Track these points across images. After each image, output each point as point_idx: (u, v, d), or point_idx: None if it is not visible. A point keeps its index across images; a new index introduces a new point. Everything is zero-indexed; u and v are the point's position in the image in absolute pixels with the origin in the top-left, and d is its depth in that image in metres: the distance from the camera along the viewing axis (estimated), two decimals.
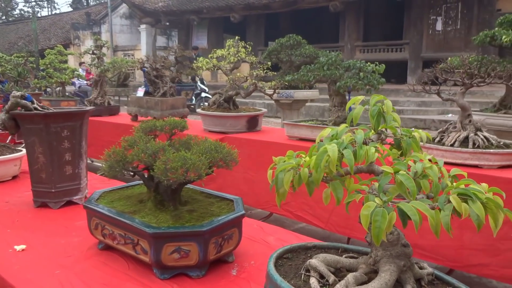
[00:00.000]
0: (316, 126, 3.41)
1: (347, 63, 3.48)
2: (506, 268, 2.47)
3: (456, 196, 0.71)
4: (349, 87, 3.36)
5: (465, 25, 13.14)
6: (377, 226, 0.70)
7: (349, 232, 3.14)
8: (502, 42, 3.99)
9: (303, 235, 1.55)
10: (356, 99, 0.94)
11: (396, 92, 12.46)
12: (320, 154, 0.82)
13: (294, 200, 3.29)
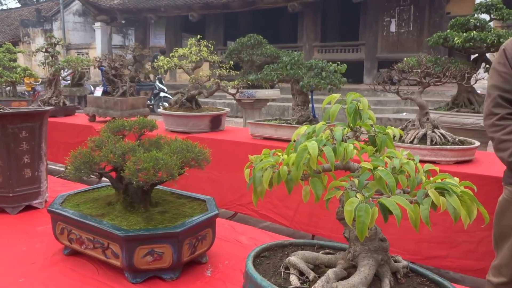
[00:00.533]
0: (280, 125, 3.44)
1: (309, 62, 3.52)
2: (462, 259, 2.59)
3: (434, 190, 0.73)
4: (311, 86, 3.40)
5: (417, 27, 13.69)
6: (361, 222, 0.71)
7: (313, 230, 3.19)
8: (454, 43, 4.18)
9: (274, 233, 1.55)
10: (332, 97, 0.95)
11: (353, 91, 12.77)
12: (300, 151, 0.82)
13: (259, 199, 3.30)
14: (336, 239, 3.09)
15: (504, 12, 4.39)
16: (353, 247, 0.89)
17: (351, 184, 0.83)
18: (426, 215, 0.72)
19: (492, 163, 2.79)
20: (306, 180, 0.90)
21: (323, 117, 0.94)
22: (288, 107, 12.12)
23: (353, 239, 0.89)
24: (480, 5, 4.46)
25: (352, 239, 0.89)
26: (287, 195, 3.23)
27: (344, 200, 0.89)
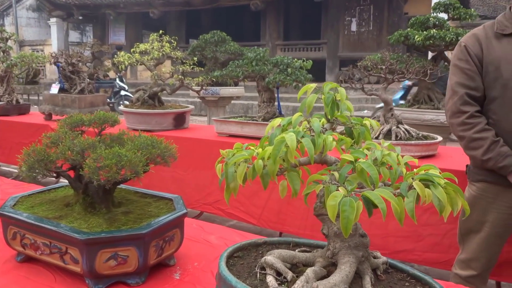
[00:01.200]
0: (246, 122, 3.38)
1: (274, 59, 3.49)
2: (427, 252, 2.63)
3: (419, 182, 0.70)
4: (277, 83, 3.37)
5: (377, 27, 14.00)
6: (346, 217, 0.67)
7: (280, 227, 3.16)
8: (415, 41, 4.28)
9: (244, 232, 1.50)
10: (308, 87, 0.90)
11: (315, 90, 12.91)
12: (278, 143, 0.77)
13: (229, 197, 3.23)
14: (304, 236, 3.08)
15: (461, 11, 4.53)
16: (333, 244, 0.84)
17: (330, 178, 0.78)
18: (411, 208, 0.68)
19: (453, 157, 2.85)
20: (282, 175, 0.84)
21: (299, 108, 0.89)
22: (252, 105, 12.11)
23: (332, 236, 0.85)
24: (438, 4, 4.58)
25: (331, 236, 0.85)
26: (255, 193, 3.19)
27: (322, 195, 0.85)
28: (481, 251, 2.00)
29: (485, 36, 1.91)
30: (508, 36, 1.86)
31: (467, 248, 2.05)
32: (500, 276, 2.44)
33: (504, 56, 1.84)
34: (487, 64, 1.86)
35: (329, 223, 0.86)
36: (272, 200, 3.10)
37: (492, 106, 1.87)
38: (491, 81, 1.85)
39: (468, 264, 2.04)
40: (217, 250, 1.31)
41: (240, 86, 6.45)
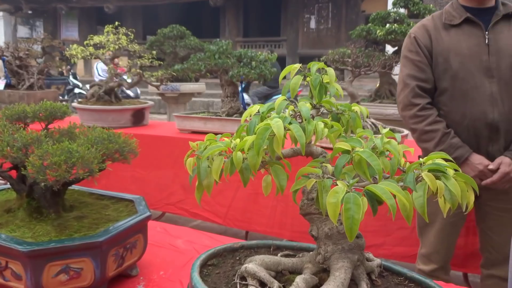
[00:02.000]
0: (210, 118, 3.24)
1: (238, 52, 3.37)
2: (397, 246, 2.60)
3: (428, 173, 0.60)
4: (241, 77, 3.26)
5: (335, 24, 14.16)
6: (350, 216, 0.56)
7: (247, 226, 3.06)
8: (376, 36, 4.29)
9: (215, 234, 1.37)
10: (291, 67, 0.78)
11: None
12: (262, 132, 0.65)
13: (189, 197, 3.09)
14: (272, 235, 2.99)
15: (420, 7, 4.58)
16: (324, 247, 0.73)
17: (324, 171, 0.67)
18: (421, 204, 0.58)
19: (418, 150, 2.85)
20: (264, 169, 0.73)
21: (282, 91, 0.77)
22: (213, 103, 11.93)
23: (323, 238, 0.74)
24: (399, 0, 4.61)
25: (322, 238, 0.74)
26: (220, 191, 3.06)
27: (309, 191, 0.74)
28: (439, 243, 2.00)
29: (434, 27, 1.90)
30: (456, 27, 1.86)
31: (425, 242, 2.05)
32: (466, 267, 2.45)
33: (452, 47, 1.84)
34: (436, 55, 1.85)
35: (318, 223, 0.75)
36: (238, 199, 2.99)
37: (442, 97, 1.87)
38: (441, 73, 1.84)
39: (429, 258, 2.04)
40: (185, 256, 1.18)
41: (201, 82, 6.29)
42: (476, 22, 1.83)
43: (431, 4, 5.19)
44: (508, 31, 1.82)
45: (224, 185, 3.10)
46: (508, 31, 1.82)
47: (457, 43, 1.83)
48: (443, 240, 2.00)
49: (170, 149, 3.16)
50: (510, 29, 1.83)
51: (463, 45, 1.82)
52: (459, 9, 1.87)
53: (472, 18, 1.83)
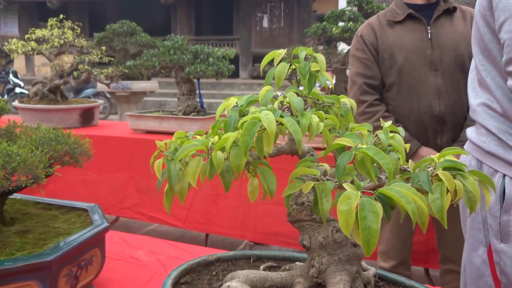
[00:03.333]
0: (166, 117, 3.09)
1: (194, 48, 3.24)
2: None
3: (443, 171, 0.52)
4: (198, 74, 3.13)
5: (287, 24, 14.25)
6: (367, 226, 0.47)
7: (207, 228, 2.94)
8: (332, 33, 4.31)
9: (180, 243, 1.25)
10: (275, 53, 0.68)
11: (231, 85, 12.82)
12: (249, 127, 0.54)
13: (147, 200, 2.93)
14: (233, 236, 2.89)
15: (374, 5, 4.65)
16: (318, 258, 0.64)
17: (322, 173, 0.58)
18: (439, 208, 0.50)
19: None
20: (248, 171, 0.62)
21: (265, 81, 0.67)
22: (165, 102, 11.63)
23: (316, 248, 0.64)
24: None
25: (315, 248, 0.65)
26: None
27: (298, 196, 0.64)
28: (395, 238, 2.01)
29: (379, 24, 1.96)
30: (399, 23, 1.91)
31: (382, 239, 2.06)
32: (427, 263, 2.48)
33: (397, 43, 1.88)
34: (382, 52, 1.90)
35: (310, 232, 0.65)
36: (198, 201, 2.86)
37: (390, 93, 1.91)
38: (387, 69, 1.89)
39: (388, 255, 2.05)
40: (149, 270, 1.05)
41: (153, 80, 6.08)
42: (418, 18, 1.88)
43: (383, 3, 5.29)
44: (449, 25, 1.88)
45: None
46: (449, 26, 1.87)
47: (401, 39, 1.87)
48: (399, 236, 2.01)
49: (123, 150, 2.98)
50: (451, 23, 1.88)
51: (407, 40, 1.86)
52: (402, 6, 1.92)
53: (414, 14, 1.88)
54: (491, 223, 1.23)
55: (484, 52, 1.29)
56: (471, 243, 1.31)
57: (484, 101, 1.28)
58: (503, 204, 1.18)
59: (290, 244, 2.69)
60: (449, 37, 1.85)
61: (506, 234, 1.18)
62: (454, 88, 1.83)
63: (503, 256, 1.19)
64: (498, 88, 1.23)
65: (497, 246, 1.21)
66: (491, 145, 1.24)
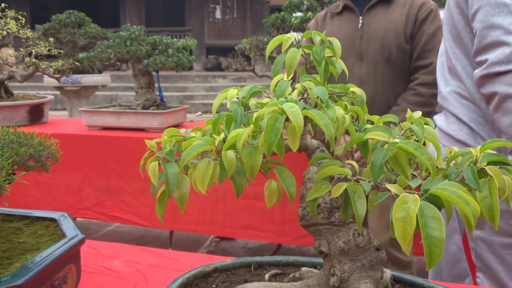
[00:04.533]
0: (124, 112, 2.92)
1: (152, 38, 3.09)
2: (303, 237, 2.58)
3: (491, 166, 0.47)
4: (157, 66, 2.99)
5: (240, 15, 14.13)
6: (429, 236, 0.40)
7: (174, 225, 2.84)
8: (292, 23, 4.28)
9: (159, 249, 1.14)
10: (283, 37, 0.60)
11: (184, 78, 12.55)
12: (271, 122, 0.46)
13: (107, 199, 2.77)
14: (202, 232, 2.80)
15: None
16: (339, 266, 0.58)
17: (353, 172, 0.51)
18: (491, 207, 0.45)
19: None
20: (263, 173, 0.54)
21: (273, 69, 0.59)
22: (117, 96, 11.22)
23: (336, 255, 0.58)
24: None
25: (335, 255, 0.58)
26: (143, 191, 2.78)
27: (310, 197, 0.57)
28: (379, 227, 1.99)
29: (324, 16, 2.00)
30: (338, 15, 1.94)
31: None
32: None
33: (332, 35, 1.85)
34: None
35: (328, 237, 0.59)
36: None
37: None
38: None
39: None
40: (128, 282, 0.95)
41: (105, 74, 5.81)
42: (352, 8, 1.90)
43: None
44: (384, 14, 1.88)
45: (147, 184, 2.82)
46: (384, 14, 1.87)
47: (336, 30, 1.90)
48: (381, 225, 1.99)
49: (79, 149, 2.79)
50: (386, 12, 1.88)
51: (340, 31, 1.89)
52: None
53: (350, 4, 1.90)
54: None
55: (456, 39, 1.28)
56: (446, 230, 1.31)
57: (455, 89, 1.28)
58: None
59: (260, 237, 2.66)
60: (379, 27, 1.85)
61: (482, 221, 1.21)
62: (378, 78, 1.84)
63: (479, 242, 1.22)
64: (468, 77, 1.23)
65: (473, 233, 1.23)
66: (462, 133, 1.24)
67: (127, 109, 3.02)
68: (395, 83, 1.85)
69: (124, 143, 2.80)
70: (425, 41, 1.82)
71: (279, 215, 2.60)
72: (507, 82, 1.04)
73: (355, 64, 1.85)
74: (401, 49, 1.82)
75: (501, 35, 1.06)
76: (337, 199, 0.59)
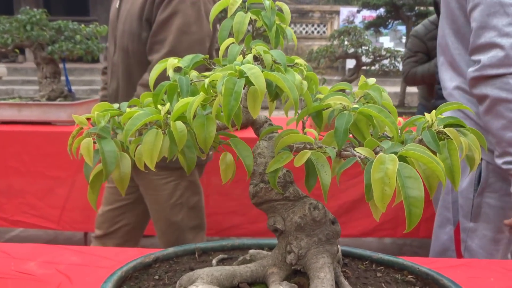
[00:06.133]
0: (26, 104, 2.65)
1: (56, 23, 2.84)
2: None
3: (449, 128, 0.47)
4: (63, 53, 2.75)
5: None
6: (409, 196, 0.38)
7: (89, 227, 2.63)
8: None
9: (81, 247, 1.03)
10: (227, 1, 0.55)
11: (91, 71, 11.79)
12: (230, 85, 0.42)
13: (7, 202, 2.49)
14: None
15: None
16: (296, 242, 0.55)
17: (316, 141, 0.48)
18: (452, 168, 0.45)
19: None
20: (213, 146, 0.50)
21: (219, 34, 0.54)
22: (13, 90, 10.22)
23: (292, 231, 0.55)
24: None
25: (291, 231, 0.55)
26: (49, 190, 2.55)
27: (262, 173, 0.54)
28: None
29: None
30: None
31: None
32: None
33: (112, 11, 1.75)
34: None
35: (283, 213, 0.56)
36: (75, 197, 2.54)
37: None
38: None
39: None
40: (48, 285, 0.84)
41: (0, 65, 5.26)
42: None
43: None
44: None
45: (53, 183, 2.58)
46: None
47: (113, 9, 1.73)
48: None
49: None
50: None
51: (113, 7, 1.72)
52: None
53: None
54: (462, 204, 1.28)
55: (457, 35, 1.25)
56: (440, 220, 1.36)
57: (459, 85, 1.26)
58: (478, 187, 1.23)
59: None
60: (125, 9, 1.60)
61: (477, 214, 1.25)
62: (123, 65, 1.61)
63: (471, 234, 1.27)
64: None
65: (466, 225, 1.27)
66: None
67: (30, 101, 2.75)
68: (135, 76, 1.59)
69: (27, 138, 2.54)
70: (155, 31, 1.51)
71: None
72: (499, 86, 1.05)
73: (111, 47, 1.66)
74: (138, 37, 1.55)
75: (494, 37, 1.06)
76: (289, 174, 0.56)
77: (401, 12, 3.38)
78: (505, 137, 1.08)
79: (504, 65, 1.05)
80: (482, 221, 1.26)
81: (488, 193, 1.23)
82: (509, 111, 1.06)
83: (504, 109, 1.06)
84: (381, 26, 3.92)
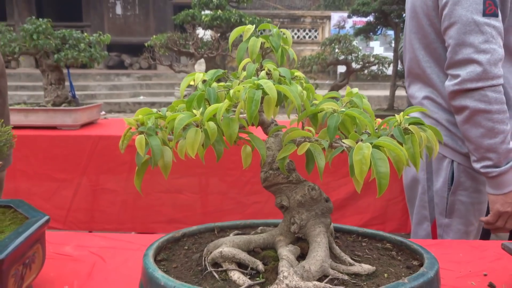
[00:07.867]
0: (33, 109, 2.78)
1: (61, 32, 2.98)
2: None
3: (412, 125, 0.63)
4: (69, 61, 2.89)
5: (143, 11, 13.75)
6: (379, 172, 0.54)
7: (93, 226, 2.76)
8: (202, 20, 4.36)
9: (106, 233, 1.18)
10: (244, 28, 0.70)
11: (85, 76, 11.90)
12: (251, 95, 0.57)
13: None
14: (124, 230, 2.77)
15: None
16: (298, 215, 0.71)
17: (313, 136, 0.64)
18: (414, 154, 0.61)
19: None
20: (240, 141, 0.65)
21: (237, 55, 0.70)
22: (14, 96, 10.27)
23: (295, 207, 0.71)
24: None
25: (294, 207, 0.71)
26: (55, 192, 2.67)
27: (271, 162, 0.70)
28: None
29: None
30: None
31: None
32: None
33: None
34: None
35: (288, 193, 0.71)
36: (79, 198, 2.67)
37: None
38: None
39: None
40: (86, 264, 0.98)
41: None
42: None
43: None
44: None
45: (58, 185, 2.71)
46: None
47: None
48: None
49: None
50: None
51: None
52: None
53: None
54: (437, 202, 1.41)
55: (427, 48, 1.34)
56: (418, 218, 1.48)
57: (428, 95, 1.37)
58: (452, 187, 1.36)
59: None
60: None
61: (451, 211, 1.38)
62: None
63: (446, 229, 1.40)
64: (443, 84, 1.30)
65: (442, 221, 1.40)
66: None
67: (36, 106, 2.88)
68: None
69: (34, 142, 2.66)
70: None
71: (200, 208, 2.67)
72: (477, 98, 1.16)
73: None
74: None
75: (472, 53, 1.16)
76: (292, 163, 0.72)
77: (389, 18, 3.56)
78: (483, 144, 1.19)
79: (482, 79, 1.15)
80: (455, 217, 1.38)
81: (460, 191, 1.36)
82: (487, 120, 1.17)
83: (482, 119, 1.18)
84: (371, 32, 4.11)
